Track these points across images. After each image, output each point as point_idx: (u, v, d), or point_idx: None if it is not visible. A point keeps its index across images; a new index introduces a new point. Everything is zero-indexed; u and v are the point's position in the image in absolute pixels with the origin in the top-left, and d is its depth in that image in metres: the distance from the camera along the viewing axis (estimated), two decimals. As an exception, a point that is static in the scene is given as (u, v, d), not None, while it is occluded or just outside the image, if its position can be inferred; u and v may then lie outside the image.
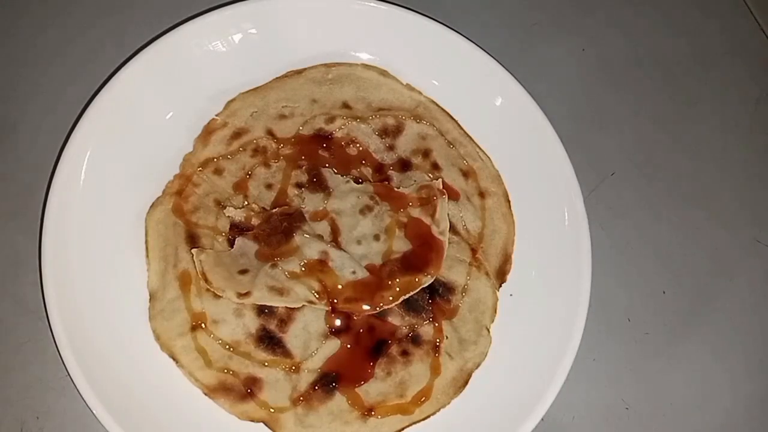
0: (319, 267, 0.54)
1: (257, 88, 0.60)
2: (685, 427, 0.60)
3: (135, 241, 0.56)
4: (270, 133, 0.59)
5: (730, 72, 0.70)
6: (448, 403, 0.54)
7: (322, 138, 0.59)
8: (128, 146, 0.57)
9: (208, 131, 0.59)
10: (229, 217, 0.56)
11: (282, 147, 0.59)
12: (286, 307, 0.54)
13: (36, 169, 0.58)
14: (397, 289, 0.54)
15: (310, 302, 0.53)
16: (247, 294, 0.51)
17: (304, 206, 0.57)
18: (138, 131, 0.57)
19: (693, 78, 0.69)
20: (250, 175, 0.58)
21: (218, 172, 0.58)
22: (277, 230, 0.55)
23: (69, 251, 0.53)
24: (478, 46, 0.60)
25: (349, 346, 0.54)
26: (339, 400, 0.53)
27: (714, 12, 0.72)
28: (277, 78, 0.61)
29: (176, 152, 0.58)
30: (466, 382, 0.55)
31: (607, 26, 0.70)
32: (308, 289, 0.53)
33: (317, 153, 0.59)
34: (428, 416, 0.54)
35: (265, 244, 0.54)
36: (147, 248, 0.56)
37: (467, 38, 0.60)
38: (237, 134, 0.59)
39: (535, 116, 0.59)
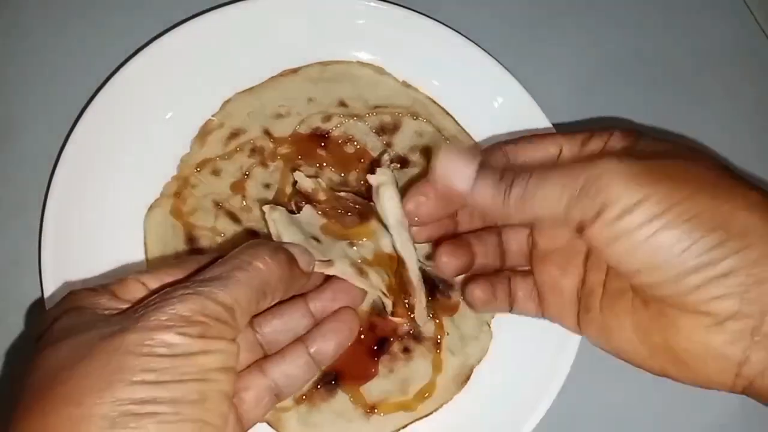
0: (389, 262, 0.51)
1: (253, 87, 0.62)
2: (685, 427, 0.62)
3: (135, 243, 0.58)
4: (267, 132, 0.61)
5: (730, 72, 0.71)
6: (451, 399, 0.57)
7: (319, 137, 0.61)
8: (128, 147, 0.59)
9: (204, 132, 0.61)
10: (296, 181, 0.54)
11: (279, 146, 0.61)
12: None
13: (36, 169, 0.60)
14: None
15: (382, 293, 0.49)
16: (329, 262, 0.47)
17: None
18: (137, 132, 0.59)
19: (693, 78, 0.70)
20: (248, 175, 0.60)
21: (216, 172, 0.60)
22: (351, 210, 0.52)
23: (69, 252, 0.55)
24: (478, 46, 0.62)
25: (350, 344, 0.56)
26: (342, 399, 0.55)
27: (714, 12, 0.73)
28: (272, 77, 0.63)
29: (174, 153, 0.60)
30: (468, 378, 0.57)
31: (608, 26, 0.71)
32: (381, 280, 0.50)
33: (315, 152, 0.61)
34: (431, 413, 0.56)
35: (337, 221, 0.52)
36: (146, 250, 0.57)
37: (467, 38, 0.62)
38: (234, 134, 0.61)
39: (535, 116, 0.61)
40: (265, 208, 0.49)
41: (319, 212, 0.52)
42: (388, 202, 0.48)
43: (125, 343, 0.35)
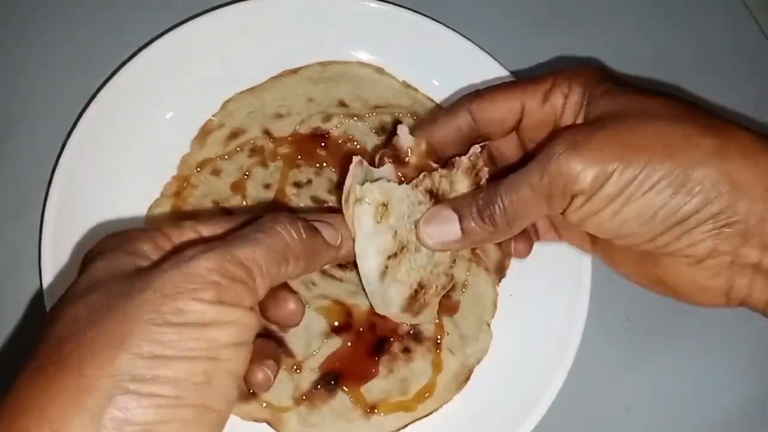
0: None
1: (253, 87, 0.63)
2: (685, 427, 0.62)
3: (135, 242, 0.58)
4: (267, 132, 0.62)
5: (730, 72, 0.72)
6: (451, 399, 0.57)
7: (319, 137, 0.62)
8: (128, 147, 0.59)
9: (204, 132, 0.62)
10: (395, 134, 0.50)
11: (279, 146, 0.61)
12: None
13: (36, 169, 0.60)
14: None
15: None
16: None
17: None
18: (137, 132, 0.60)
19: (693, 78, 0.71)
20: (248, 175, 0.60)
21: (216, 172, 0.60)
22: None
23: (69, 252, 0.56)
24: (478, 46, 0.63)
25: (350, 344, 0.56)
26: (342, 399, 0.56)
27: (714, 12, 0.74)
28: (272, 77, 0.63)
29: (175, 153, 0.61)
30: (468, 378, 0.58)
31: (607, 26, 0.72)
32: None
33: (315, 152, 0.61)
34: (431, 412, 0.56)
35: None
36: (146, 250, 0.58)
37: (467, 38, 0.63)
38: (234, 134, 0.62)
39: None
40: (355, 158, 0.48)
41: (399, 173, 0.50)
42: (364, 217, 0.46)
43: (137, 307, 0.33)
